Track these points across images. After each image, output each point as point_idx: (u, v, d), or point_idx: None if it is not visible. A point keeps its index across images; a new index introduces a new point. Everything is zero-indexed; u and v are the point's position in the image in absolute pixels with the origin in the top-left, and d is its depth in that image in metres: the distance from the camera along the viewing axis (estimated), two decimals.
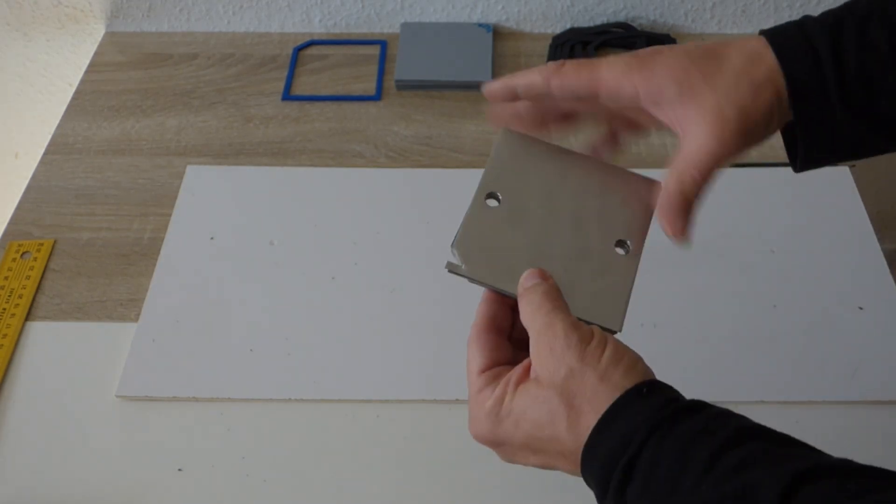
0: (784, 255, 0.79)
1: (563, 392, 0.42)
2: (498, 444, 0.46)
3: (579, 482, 0.45)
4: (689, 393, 0.45)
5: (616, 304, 0.48)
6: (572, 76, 0.49)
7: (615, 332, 0.47)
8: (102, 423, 0.68)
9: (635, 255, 0.50)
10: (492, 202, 0.50)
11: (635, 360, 0.43)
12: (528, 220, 0.50)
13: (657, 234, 0.50)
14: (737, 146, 0.46)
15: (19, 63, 1.12)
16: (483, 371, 0.47)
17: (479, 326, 0.48)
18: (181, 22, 1.08)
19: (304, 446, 0.67)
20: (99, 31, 1.08)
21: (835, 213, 0.83)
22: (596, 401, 0.42)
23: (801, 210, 0.83)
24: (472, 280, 0.48)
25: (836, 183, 0.86)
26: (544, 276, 0.47)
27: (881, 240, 0.81)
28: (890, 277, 0.77)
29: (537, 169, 0.51)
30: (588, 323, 0.45)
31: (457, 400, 0.69)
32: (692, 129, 0.46)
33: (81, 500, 0.64)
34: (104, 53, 1.05)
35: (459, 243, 0.49)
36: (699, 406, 0.41)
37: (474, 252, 0.49)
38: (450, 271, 0.49)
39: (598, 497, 0.42)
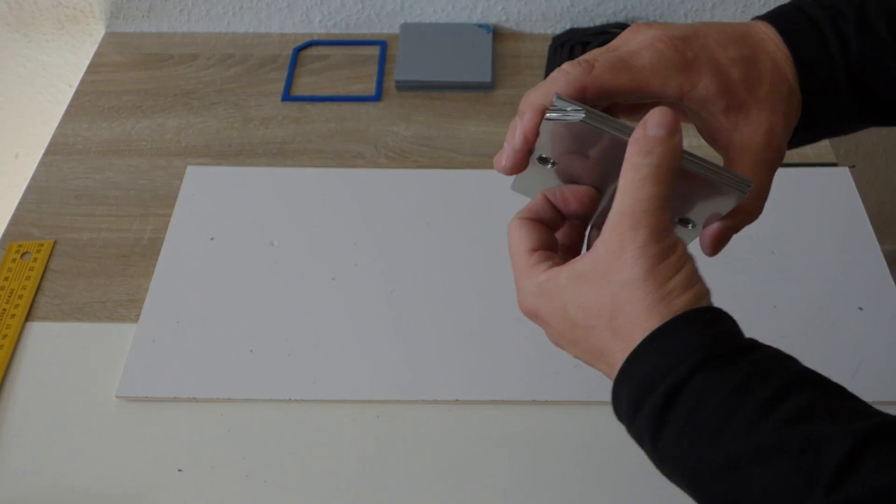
0: (784, 255, 0.79)
1: (617, 296, 0.40)
2: (544, 323, 0.44)
3: (579, 482, 0.45)
4: None
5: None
6: (610, 81, 0.43)
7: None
8: (102, 424, 0.68)
9: (696, 231, 0.47)
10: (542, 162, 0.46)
11: (703, 293, 0.40)
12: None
13: None
14: (785, 149, 0.46)
15: (19, 63, 1.12)
16: (533, 251, 0.44)
17: (524, 215, 0.45)
18: (181, 22, 1.08)
19: (304, 447, 0.67)
20: (99, 32, 1.08)
21: (835, 213, 0.83)
22: (648, 320, 0.39)
23: (801, 210, 0.83)
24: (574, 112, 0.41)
25: (836, 183, 0.86)
26: (673, 129, 0.40)
27: (881, 240, 0.81)
28: (890, 277, 0.77)
29: None
30: None
31: (457, 400, 0.69)
32: (747, 145, 0.45)
33: (81, 500, 0.64)
34: (104, 54, 1.05)
35: (515, 187, 0.45)
36: (760, 345, 0.39)
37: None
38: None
39: (627, 416, 0.39)
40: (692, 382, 0.37)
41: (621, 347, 0.40)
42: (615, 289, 0.40)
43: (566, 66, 0.44)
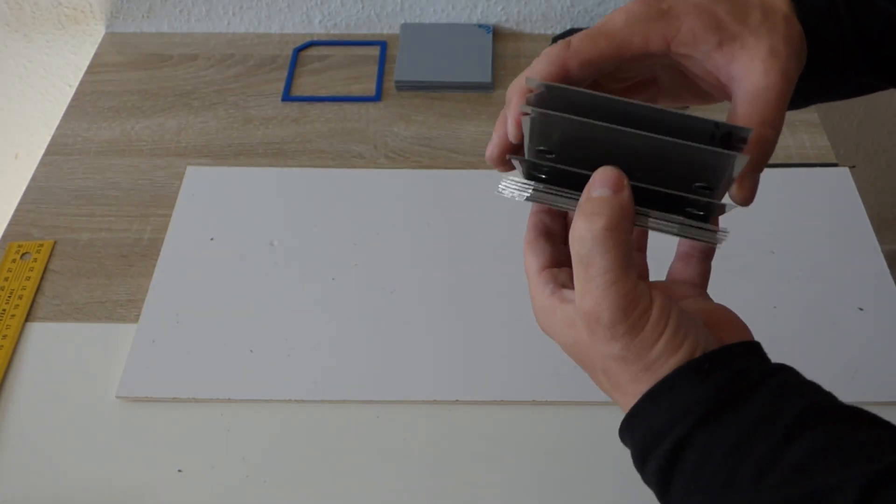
0: (784, 256, 0.79)
1: (604, 364, 0.39)
2: (557, 342, 0.43)
3: (579, 482, 0.45)
4: None
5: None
6: (589, 50, 0.42)
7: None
8: (102, 424, 0.68)
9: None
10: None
11: (696, 344, 0.37)
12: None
13: (655, 237, 0.50)
14: (796, 74, 0.42)
15: (19, 64, 1.12)
16: (542, 270, 0.43)
17: (530, 233, 0.44)
18: (181, 23, 1.08)
19: (305, 447, 0.67)
20: (99, 32, 1.08)
21: (835, 213, 0.83)
22: (638, 386, 0.38)
23: (801, 210, 0.83)
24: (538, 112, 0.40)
25: (836, 183, 0.86)
26: (618, 187, 0.38)
27: (881, 240, 0.81)
28: (890, 278, 0.77)
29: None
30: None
31: (457, 401, 0.69)
32: (747, 74, 0.42)
33: (81, 500, 0.64)
34: (104, 54, 1.05)
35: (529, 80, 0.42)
36: (762, 381, 0.37)
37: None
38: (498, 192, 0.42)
39: (636, 465, 0.39)
40: (694, 440, 0.36)
41: (621, 399, 0.39)
42: (600, 358, 0.39)
43: (552, 50, 0.43)
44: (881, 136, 1.26)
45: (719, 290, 0.76)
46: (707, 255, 0.45)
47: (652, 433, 0.37)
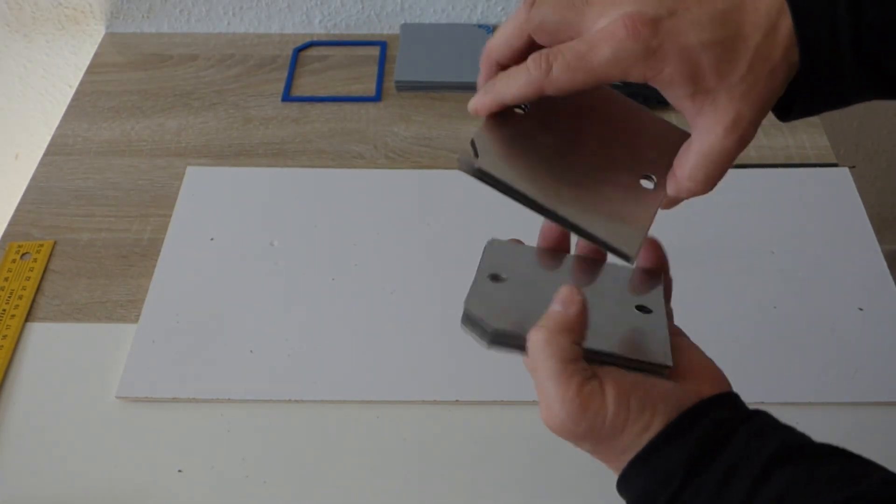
0: (784, 256, 0.79)
1: (577, 441, 0.42)
2: None
3: (579, 482, 0.45)
4: None
5: (635, 231, 0.44)
6: (567, 82, 0.42)
7: (630, 260, 0.45)
8: (102, 424, 0.68)
9: (659, 192, 0.46)
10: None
11: (667, 413, 0.40)
12: (553, 133, 0.46)
13: (656, 235, 0.50)
14: (752, 136, 0.44)
15: (19, 64, 1.12)
16: None
17: None
18: (181, 23, 1.08)
19: (305, 447, 0.67)
20: (99, 32, 1.08)
21: (835, 213, 0.83)
22: (618, 463, 0.41)
23: (801, 210, 0.83)
24: (482, 177, 0.44)
25: (836, 183, 0.86)
26: (568, 302, 0.42)
27: (881, 240, 0.81)
28: (890, 278, 0.77)
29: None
30: (604, 246, 0.44)
31: (457, 401, 0.69)
32: (705, 127, 0.43)
33: (81, 500, 0.64)
34: (104, 54, 1.05)
35: (479, 136, 0.45)
36: (734, 428, 0.39)
37: (492, 150, 0.45)
38: (459, 160, 0.45)
39: None
40: (682, 497, 0.38)
41: (609, 465, 0.42)
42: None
43: (530, 60, 0.43)
44: (881, 136, 1.26)
45: (720, 289, 0.76)
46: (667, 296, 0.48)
47: (645, 496, 0.40)
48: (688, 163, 0.44)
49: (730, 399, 0.42)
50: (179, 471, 0.65)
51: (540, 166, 0.45)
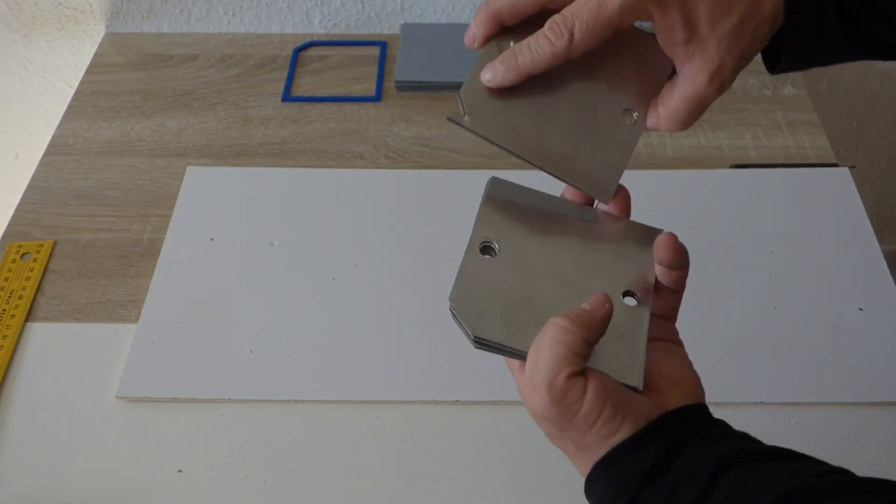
0: (784, 256, 0.79)
1: (550, 437, 0.45)
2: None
3: (579, 482, 0.45)
4: None
5: (611, 175, 0.48)
6: (588, 42, 0.45)
7: (606, 201, 0.48)
8: (102, 424, 0.68)
9: (639, 127, 0.49)
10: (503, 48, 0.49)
11: (634, 423, 0.42)
12: (538, 77, 0.47)
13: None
14: (731, 84, 0.48)
15: (20, 64, 1.12)
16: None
17: None
18: (181, 23, 1.08)
19: (305, 447, 0.67)
20: (99, 32, 1.08)
21: (835, 213, 0.83)
22: (576, 459, 0.44)
23: (801, 210, 0.83)
24: (473, 132, 0.47)
25: (836, 183, 0.86)
26: (600, 306, 0.44)
27: (881, 240, 0.81)
28: (890, 278, 0.77)
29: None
30: (584, 191, 0.48)
31: (457, 401, 0.69)
32: (692, 72, 0.47)
33: (81, 500, 0.64)
34: (104, 54, 1.05)
35: (465, 93, 0.48)
36: (689, 438, 0.41)
37: (480, 106, 0.47)
38: (449, 119, 0.47)
39: None
40: (639, 502, 0.41)
41: (577, 467, 0.45)
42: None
43: (549, 32, 0.45)
44: (881, 136, 1.26)
45: (720, 290, 0.76)
46: (677, 291, 0.49)
47: (607, 498, 0.42)
48: (672, 104, 0.48)
49: (694, 411, 0.43)
50: (179, 471, 0.65)
51: (524, 117, 0.48)
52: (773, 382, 0.70)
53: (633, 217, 0.50)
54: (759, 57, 0.50)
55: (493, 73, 0.47)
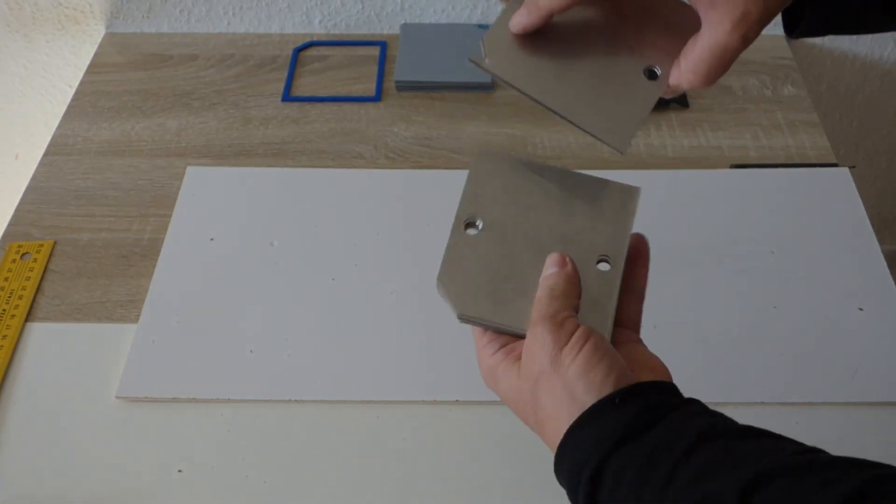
0: (784, 256, 0.79)
1: (534, 391, 0.45)
2: (500, 394, 0.50)
3: None
4: (689, 394, 0.45)
5: (628, 126, 0.48)
6: None
7: (622, 152, 0.48)
8: (102, 424, 0.68)
9: (661, 83, 0.49)
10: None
11: (607, 372, 0.43)
12: (564, 26, 0.48)
13: (657, 235, 0.50)
14: (757, 34, 0.47)
15: (20, 64, 1.12)
16: (485, 332, 0.50)
17: None
18: (181, 23, 1.08)
19: (305, 447, 0.67)
20: (99, 33, 1.08)
21: (835, 213, 0.83)
22: (557, 408, 0.44)
23: (801, 210, 0.83)
24: (494, 76, 0.48)
25: (836, 183, 0.86)
26: (563, 263, 0.48)
27: (881, 240, 0.81)
28: (890, 278, 0.77)
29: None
30: (599, 139, 0.47)
31: (457, 401, 0.69)
32: (715, 20, 0.46)
33: (81, 500, 0.64)
34: (104, 54, 1.05)
35: (488, 39, 0.48)
36: (667, 411, 0.42)
37: (501, 51, 0.48)
38: (470, 60, 0.48)
39: (570, 499, 0.44)
40: (609, 464, 0.41)
41: (550, 437, 0.45)
42: (531, 394, 0.45)
43: None
44: (881, 136, 1.26)
45: (720, 290, 0.76)
46: (640, 298, 0.51)
47: (577, 464, 0.42)
48: (693, 55, 0.47)
49: (666, 386, 0.44)
50: (179, 471, 0.65)
51: (545, 64, 0.48)
52: (773, 382, 0.70)
53: (634, 217, 0.50)
54: (759, 55, 0.50)
55: (519, 18, 0.48)
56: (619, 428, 0.41)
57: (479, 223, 0.50)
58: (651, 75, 0.49)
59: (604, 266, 0.49)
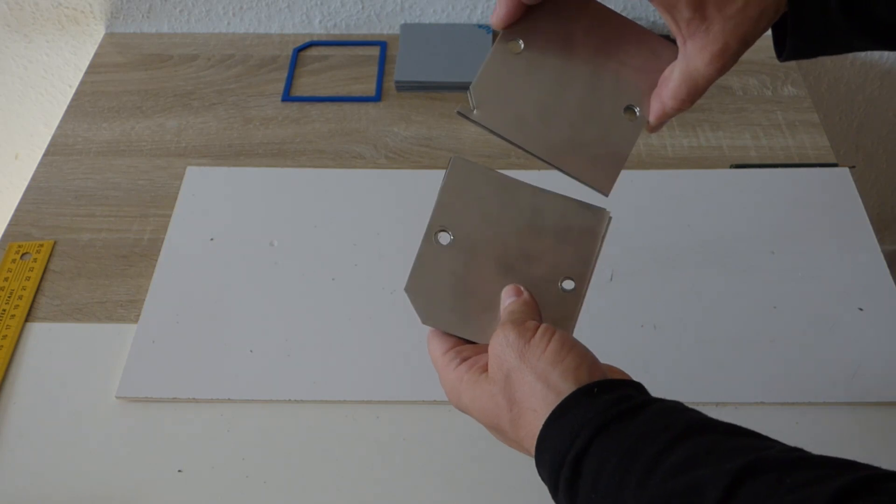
0: (784, 256, 0.79)
1: (506, 389, 0.45)
2: (471, 415, 0.50)
3: None
4: (688, 394, 0.45)
5: (611, 169, 0.49)
6: None
7: (605, 194, 0.50)
8: (102, 424, 0.68)
9: (641, 122, 0.50)
10: (513, 45, 0.51)
11: (579, 362, 0.44)
12: (546, 71, 0.50)
13: (657, 235, 0.50)
14: (732, 66, 0.48)
15: (20, 64, 1.12)
16: (446, 352, 0.51)
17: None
18: (181, 23, 1.08)
19: (304, 447, 0.67)
20: (99, 33, 1.08)
21: (835, 213, 0.83)
22: (533, 399, 0.44)
23: (801, 210, 0.83)
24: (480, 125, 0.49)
25: (836, 183, 0.86)
26: (518, 293, 0.50)
27: (881, 240, 0.81)
28: (890, 278, 0.77)
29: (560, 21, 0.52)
30: (584, 183, 0.49)
31: None
32: (694, 50, 0.47)
33: (81, 500, 0.64)
34: (104, 55, 1.05)
35: (475, 88, 0.49)
36: (650, 403, 0.42)
37: (488, 100, 0.49)
38: (458, 113, 0.49)
39: (551, 492, 0.44)
40: (590, 451, 0.41)
41: (525, 440, 0.45)
42: (502, 384, 0.45)
43: None
44: (881, 136, 1.26)
45: (720, 290, 0.76)
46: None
47: (558, 455, 0.42)
48: (673, 83, 0.49)
49: (636, 384, 0.45)
50: (179, 471, 0.65)
51: (529, 110, 0.49)
52: (773, 382, 0.70)
53: (633, 216, 0.51)
54: (759, 55, 0.50)
55: (497, 11, 0.50)
56: (598, 413, 0.41)
57: (450, 235, 0.51)
58: (631, 113, 0.50)
59: (569, 284, 0.50)
